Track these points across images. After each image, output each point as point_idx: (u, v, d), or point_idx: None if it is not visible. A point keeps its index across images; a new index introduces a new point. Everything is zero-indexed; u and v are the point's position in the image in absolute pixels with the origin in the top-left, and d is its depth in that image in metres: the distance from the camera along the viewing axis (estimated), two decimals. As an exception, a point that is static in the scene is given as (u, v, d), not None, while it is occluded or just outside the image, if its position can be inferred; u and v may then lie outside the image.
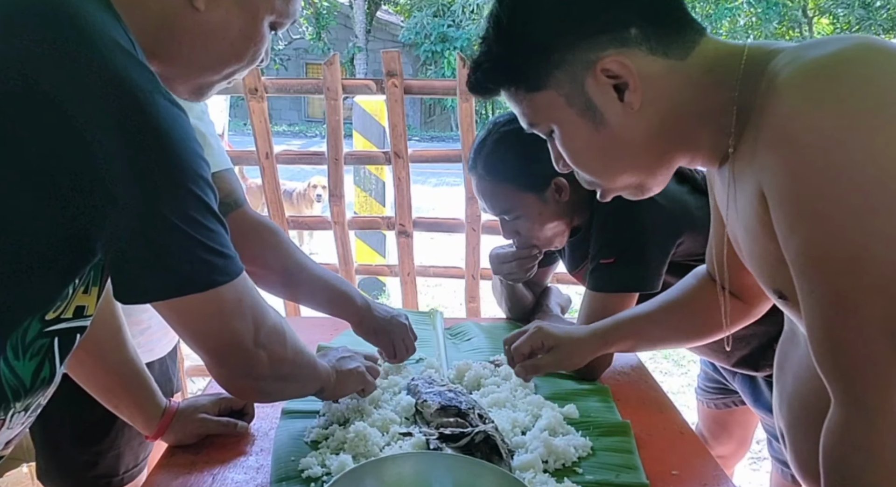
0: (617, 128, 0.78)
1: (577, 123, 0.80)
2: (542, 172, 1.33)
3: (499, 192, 1.37)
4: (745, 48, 0.75)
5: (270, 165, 2.44)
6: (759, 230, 0.73)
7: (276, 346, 0.85)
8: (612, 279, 1.30)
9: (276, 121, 17.84)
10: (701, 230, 1.31)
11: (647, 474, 1.01)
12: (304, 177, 6.22)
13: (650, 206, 1.25)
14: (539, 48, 0.78)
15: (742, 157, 0.74)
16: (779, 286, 0.75)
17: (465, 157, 2.40)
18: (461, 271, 2.59)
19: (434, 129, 18.42)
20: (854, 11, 13.71)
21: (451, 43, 16.85)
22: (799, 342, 0.85)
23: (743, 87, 0.72)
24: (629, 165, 0.82)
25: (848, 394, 0.65)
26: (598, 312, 1.30)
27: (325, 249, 5.89)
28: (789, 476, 1.36)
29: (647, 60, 0.75)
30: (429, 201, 7.95)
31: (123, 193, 0.65)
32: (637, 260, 1.28)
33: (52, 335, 0.72)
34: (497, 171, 1.36)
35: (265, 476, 0.99)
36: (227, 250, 0.74)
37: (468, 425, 1.03)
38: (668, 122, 0.77)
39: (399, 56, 2.32)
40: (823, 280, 0.65)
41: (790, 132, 0.64)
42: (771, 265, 0.74)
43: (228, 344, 0.79)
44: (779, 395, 0.91)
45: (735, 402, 1.57)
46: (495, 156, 1.35)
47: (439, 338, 1.47)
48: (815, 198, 0.63)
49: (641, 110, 0.76)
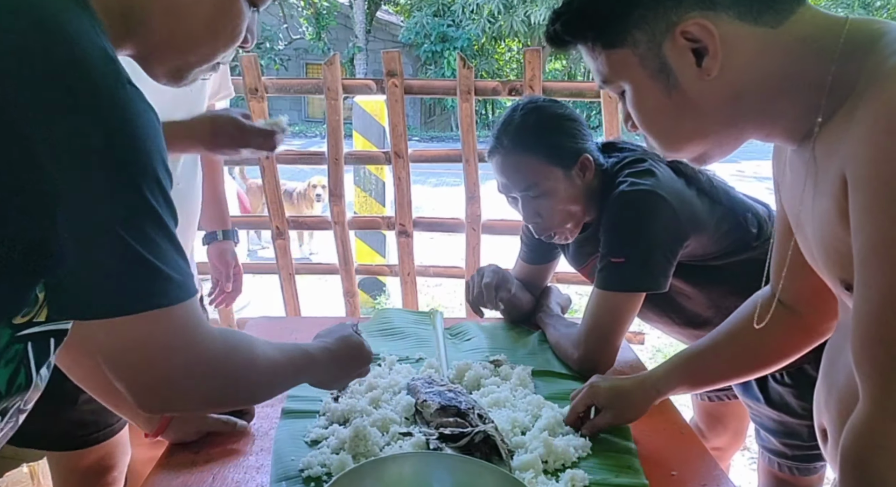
0: (690, 94, 0.75)
1: (650, 85, 0.77)
2: (571, 147, 1.35)
3: (525, 165, 1.35)
4: (846, 21, 0.70)
5: (271, 165, 2.44)
6: (833, 215, 0.69)
7: (214, 380, 0.75)
8: (621, 278, 1.29)
9: (277, 121, 17.81)
10: (706, 232, 1.31)
11: (646, 474, 1.01)
12: (304, 177, 6.22)
13: (661, 207, 1.25)
14: (622, 3, 0.76)
15: (827, 138, 0.70)
16: (847, 275, 0.72)
17: (466, 157, 2.40)
18: (461, 271, 2.60)
19: (434, 129, 18.41)
20: (854, 11, 13.74)
21: (451, 43, 16.85)
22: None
23: (842, 64, 0.68)
24: (697, 133, 0.79)
25: (879, 393, 0.64)
26: (605, 310, 1.30)
27: (325, 249, 5.89)
28: (776, 464, 1.37)
29: (733, 26, 0.72)
30: (429, 201, 7.95)
31: (69, 191, 0.60)
32: (646, 261, 1.28)
33: (24, 340, 0.68)
34: (526, 144, 1.34)
35: (265, 475, 0.99)
36: (175, 272, 0.67)
37: (468, 425, 1.03)
38: (748, 93, 0.74)
39: (399, 56, 2.32)
40: (884, 273, 0.62)
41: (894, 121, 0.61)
42: (840, 253, 0.71)
43: (149, 379, 0.70)
44: (826, 390, 0.87)
45: (728, 395, 1.58)
46: (525, 129, 1.35)
47: (439, 338, 1.47)
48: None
49: (719, 77, 0.73)
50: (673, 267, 1.30)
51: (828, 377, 0.88)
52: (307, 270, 2.89)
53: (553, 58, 19.13)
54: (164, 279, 0.66)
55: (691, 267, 1.34)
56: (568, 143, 1.35)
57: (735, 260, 1.34)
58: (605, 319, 1.31)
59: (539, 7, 15.48)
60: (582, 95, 2.39)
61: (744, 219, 1.35)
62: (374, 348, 1.43)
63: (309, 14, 17.49)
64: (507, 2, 15.98)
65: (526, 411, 1.16)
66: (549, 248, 1.59)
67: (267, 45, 16.83)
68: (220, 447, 1.07)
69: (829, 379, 0.87)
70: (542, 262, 1.65)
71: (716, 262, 1.34)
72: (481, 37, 17.00)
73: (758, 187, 9.57)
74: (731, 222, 1.34)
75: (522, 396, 1.22)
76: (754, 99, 0.74)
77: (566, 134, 1.36)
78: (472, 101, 2.32)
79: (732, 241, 1.34)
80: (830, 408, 0.86)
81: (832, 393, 0.85)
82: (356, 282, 2.67)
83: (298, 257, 5.18)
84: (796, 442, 1.33)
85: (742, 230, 1.34)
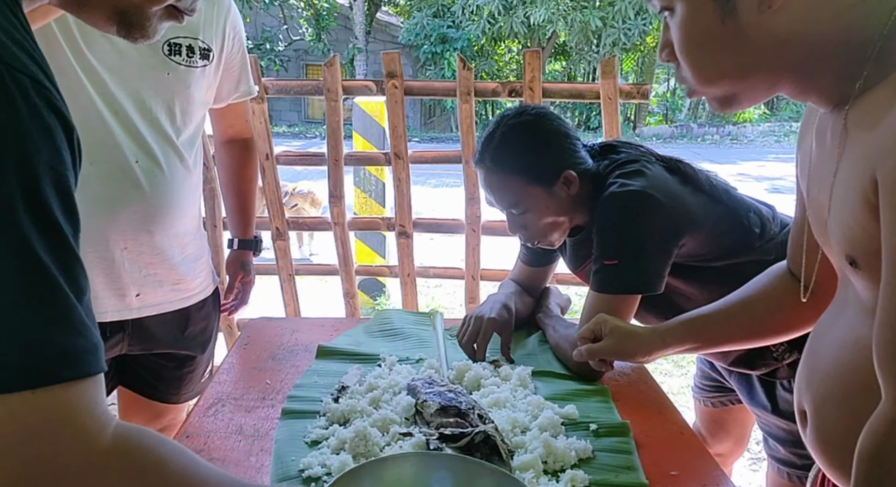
0: (743, 25, 0.73)
1: (705, 7, 0.75)
2: (551, 165, 1.35)
3: (506, 185, 1.37)
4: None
5: (271, 166, 2.44)
6: (856, 196, 0.68)
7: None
8: (614, 280, 1.30)
9: (277, 123, 17.86)
10: (703, 231, 1.30)
11: (646, 474, 1.01)
12: (304, 178, 6.22)
13: (651, 206, 1.25)
14: None
15: (867, 107, 0.69)
16: (855, 252, 0.71)
17: (465, 158, 2.40)
18: (461, 272, 2.60)
19: (434, 130, 18.43)
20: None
21: (450, 44, 16.87)
22: (849, 313, 0.81)
23: (891, 36, 0.67)
24: (736, 71, 0.77)
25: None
26: (601, 312, 1.30)
27: (325, 250, 5.89)
28: (785, 473, 1.35)
29: None
30: (429, 202, 7.96)
31: None
32: (639, 262, 1.28)
33: None
34: (505, 164, 1.35)
35: (265, 476, 1.00)
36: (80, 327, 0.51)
37: (468, 425, 1.03)
38: (797, 38, 0.72)
39: (399, 57, 2.32)
40: None
41: None
42: (853, 230, 0.70)
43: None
44: (810, 370, 0.86)
45: (732, 401, 1.57)
46: (504, 149, 1.35)
47: (439, 339, 1.48)
48: None
49: (776, 14, 0.72)
50: (668, 266, 1.29)
51: (813, 355, 0.87)
52: (307, 271, 2.89)
53: (553, 59, 19.16)
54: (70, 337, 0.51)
55: (691, 268, 1.33)
56: (549, 162, 1.34)
57: (736, 261, 1.33)
58: None
59: (539, 8, 15.49)
60: (581, 97, 2.39)
61: (745, 219, 1.34)
62: (375, 349, 1.44)
63: (309, 15, 17.51)
64: (507, 3, 15.99)
65: (526, 411, 1.16)
66: (549, 251, 1.59)
67: (267, 46, 16.86)
68: (221, 447, 1.08)
69: (813, 358, 0.86)
70: (542, 264, 1.65)
71: (716, 263, 1.34)
72: (481, 38, 17.02)
73: (757, 188, 9.59)
74: (731, 221, 1.33)
75: (522, 397, 1.22)
76: (801, 47, 0.73)
77: (547, 151, 1.35)
78: (472, 103, 2.32)
79: (733, 241, 1.33)
80: (813, 389, 0.84)
81: (816, 373, 0.84)
82: (356, 283, 2.67)
83: (298, 258, 5.18)
84: (806, 452, 1.32)
85: (743, 230, 1.34)
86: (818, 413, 0.83)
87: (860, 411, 0.70)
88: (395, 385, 1.24)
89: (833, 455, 0.81)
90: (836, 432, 0.79)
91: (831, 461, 0.82)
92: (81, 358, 0.51)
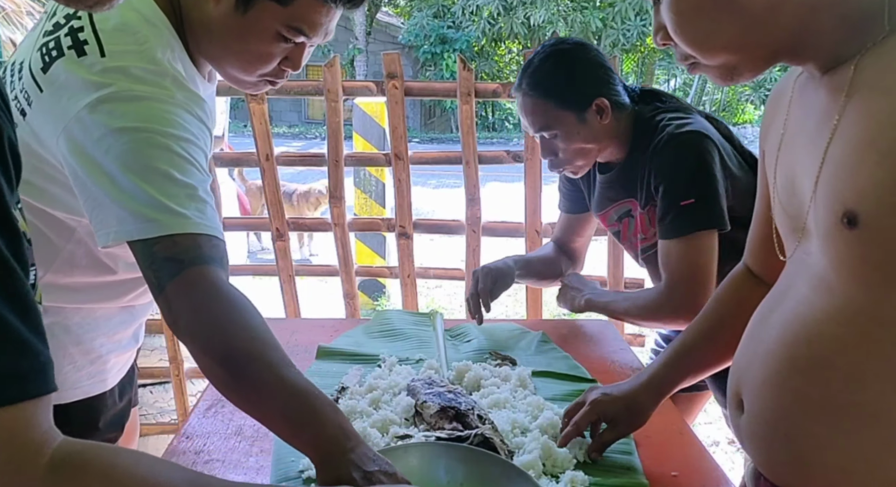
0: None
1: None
2: (584, 91, 1.39)
3: (539, 109, 1.40)
4: None
5: (271, 167, 2.44)
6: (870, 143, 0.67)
7: None
8: (697, 218, 1.30)
9: (277, 123, 17.85)
10: (737, 184, 1.34)
11: (646, 475, 1.01)
12: (304, 178, 6.23)
13: (711, 147, 1.30)
14: None
15: (876, 62, 0.69)
16: (859, 207, 0.68)
17: (466, 159, 2.40)
18: (461, 273, 2.59)
19: (434, 131, 18.42)
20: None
21: (450, 44, 16.88)
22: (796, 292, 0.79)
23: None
24: (733, 41, 0.77)
25: None
26: (693, 254, 1.29)
27: (325, 251, 5.90)
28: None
29: None
30: (429, 203, 7.96)
31: None
32: (715, 199, 1.30)
33: None
34: (540, 87, 1.40)
35: (265, 476, 1.00)
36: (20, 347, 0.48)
37: (468, 426, 1.03)
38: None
39: (399, 58, 2.32)
40: None
41: None
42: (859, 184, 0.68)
43: None
44: (750, 355, 0.84)
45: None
46: (540, 73, 1.40)
47: (439, 339, 1.48)
48: None
49: None
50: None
51: (753, 340, 0.85)
52: (307, 272, 2.88)
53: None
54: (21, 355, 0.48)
55: None
56: (582, 88, 1.39)
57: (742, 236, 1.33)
58: (697, 262, 1.29)
59: (539, 9, 15.50)
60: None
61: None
62: (375, 349, 1.44)
63: (309, 16, 17.48)
64: (507, 3, 16.01)
65: (526, 412, 1.16)
66: (579, 196, 1.63)
67: (267, 47, 16.82)
68: (221, 448, 1.07)
69: (754, 342, 0.85)
70: (575, 212, 1.68)
71: (732, 235, 1.32)
72: (481, 38, 17.03)
73: (758, 189, 9.58)
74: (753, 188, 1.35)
75: (522, 397, 1.22)
76: (797, 7, 0.72)
77: (581, 78, 1.40)
78: (473, 103, 2.32)
79: (749, 209, 1.34)
80: (752, 373, 0.83)
81: (757, 356, 0.82)
82: (356, 284, 2.67)
83: (298, 259, 5.19)
84: None
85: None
86: (757, 395, 0.81)
87: (802, 389, 0.72)
88: (395, 385, 1.24)
89: (766, 438, 0.80)
90: (772, 414, 0.78)
91: (764, 443, 0.81)
92: (22, 381, 0.49)
